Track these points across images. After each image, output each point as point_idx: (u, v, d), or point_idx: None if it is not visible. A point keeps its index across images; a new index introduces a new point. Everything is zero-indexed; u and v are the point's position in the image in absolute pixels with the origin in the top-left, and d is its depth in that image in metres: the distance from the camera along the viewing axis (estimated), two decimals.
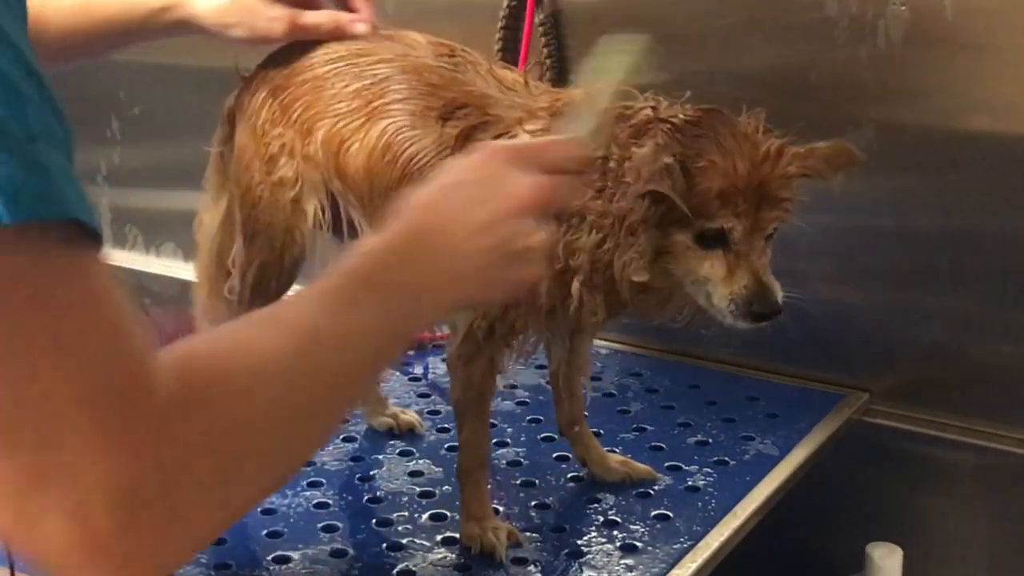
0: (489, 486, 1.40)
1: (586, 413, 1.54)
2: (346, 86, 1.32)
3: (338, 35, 1.37)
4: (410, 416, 1.57)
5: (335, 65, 1.34)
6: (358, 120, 1.31)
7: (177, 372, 0.74)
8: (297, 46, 1.38)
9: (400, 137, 1.28)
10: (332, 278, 0.90)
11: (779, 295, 1.18)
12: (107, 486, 0.70)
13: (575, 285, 1.23)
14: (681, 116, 1.20)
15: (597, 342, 1.76)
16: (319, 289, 0.89)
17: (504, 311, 1.27)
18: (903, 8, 1.53)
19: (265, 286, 1.38)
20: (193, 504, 0.74)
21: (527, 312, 1.27)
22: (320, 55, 1.35)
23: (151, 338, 0.74)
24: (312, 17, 1.37)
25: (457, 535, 1.32)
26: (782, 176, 1.18)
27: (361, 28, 1.37)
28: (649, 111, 1.22)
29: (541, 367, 1.55)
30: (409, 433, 1.55)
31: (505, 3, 1.77)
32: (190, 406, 0.74)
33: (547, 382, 1.49)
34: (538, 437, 1.54)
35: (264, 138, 1.36)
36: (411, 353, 1.76)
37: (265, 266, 1.37)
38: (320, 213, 1.35)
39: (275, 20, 1.37)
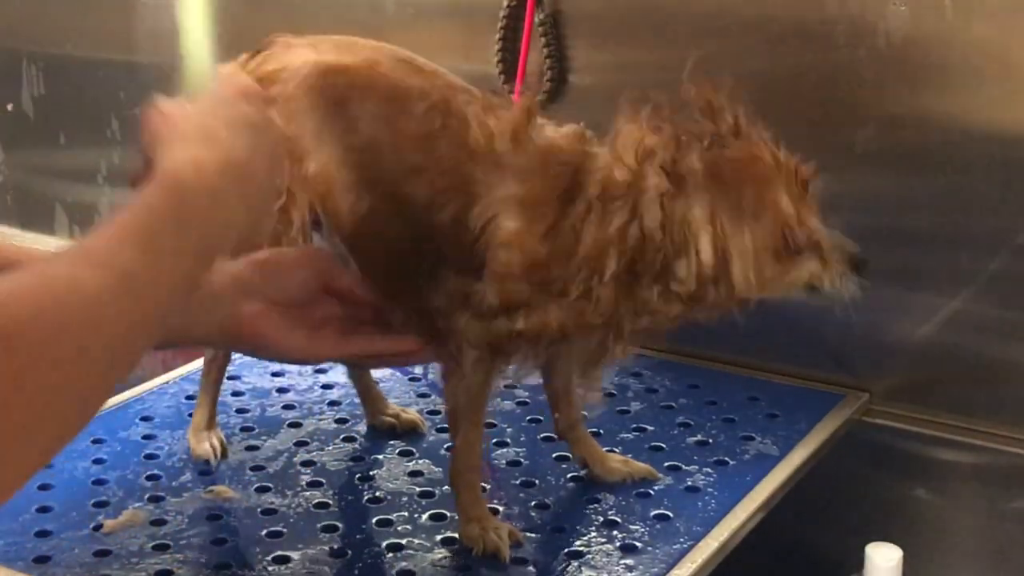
0: (489, 486, 1.41)
1: (585, 413, 1.55)
2: (344, 134, 1.29)
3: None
4: (412, 415, 1.57)
5: (325, 110, 1.30)
6: (351, 176, 1.29)
7: None
8: (283, 48, 1.34)
9: (387, 221, 1.28)
10: (142, 215, 0.89)
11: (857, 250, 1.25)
12: None
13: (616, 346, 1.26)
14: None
15: None
16: (131, 227, 0.87)
17: (510, 334, 1.25)
18: (903, 8, 1.53)
19: None
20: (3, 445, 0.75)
21: (535, 338, 1.26)
22: (306, 73, 1.31)
23: None
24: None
25: (457, 535, 1.32)
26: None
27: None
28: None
29: None
30: (410, 433, 1.55)
31: (505, 3, 1.76)
32: None
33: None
34: (538, 437, 1.54)
35: None
36: None
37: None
38: (306, 224, 1.33)
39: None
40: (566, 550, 1.31)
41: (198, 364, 1.64)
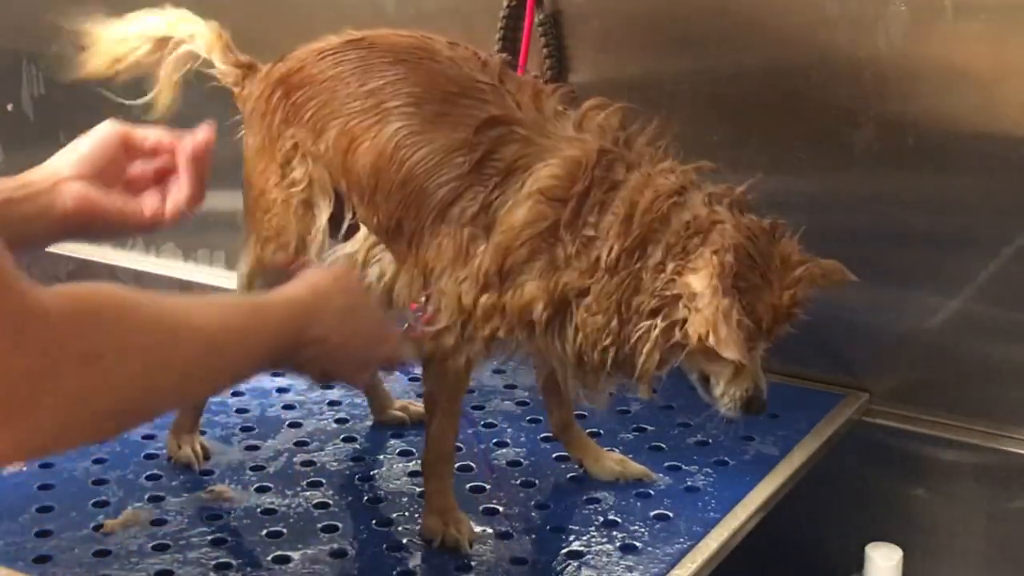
0: (488, 486, 1.41)
1: (585, 414, 1.55)
2: (361, 85, 1.31)
3: (128, 225, 1.31)
4: (420, 407, 1.57)
5: (350, 65, 1.33)
6: (369, 120, 1.30)
7: (76, 300, 0.91)
8: (307, 48, 1.37)
9: (409, 141, 1.28)
10: (248, 308, 1.13)
11: (765, 393, 1.28)
12: None
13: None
14: (733, 236, 1.20)
15: None
16: (235, 310, 1.11)
17: (488, 317, 1.26)
18: (903, 8, 1.53)
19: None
20: (52, 408, 0.88)
21: (510, 322, 1.26)
22: (334, 55, 1.34)
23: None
24: (104, 200, 1.27)
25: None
26: (804, 299, 1.25)
27: (157, 217, 1.30)
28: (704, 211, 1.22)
29: None
30: (411, 431, 1.55)
31: (505, 3, 1.77)
32: (73, 327, 0.90)
33: None
34: (538, 437, 1.54)
35: (278, 140, 1.36)
36: None
37: (278, 271, 1.35)
38: (326, 212, 1.36)
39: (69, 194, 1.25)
40: (566, 550, 1.31)
41: None
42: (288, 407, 1.63)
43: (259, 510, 1.39)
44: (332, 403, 1.64)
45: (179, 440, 1.49)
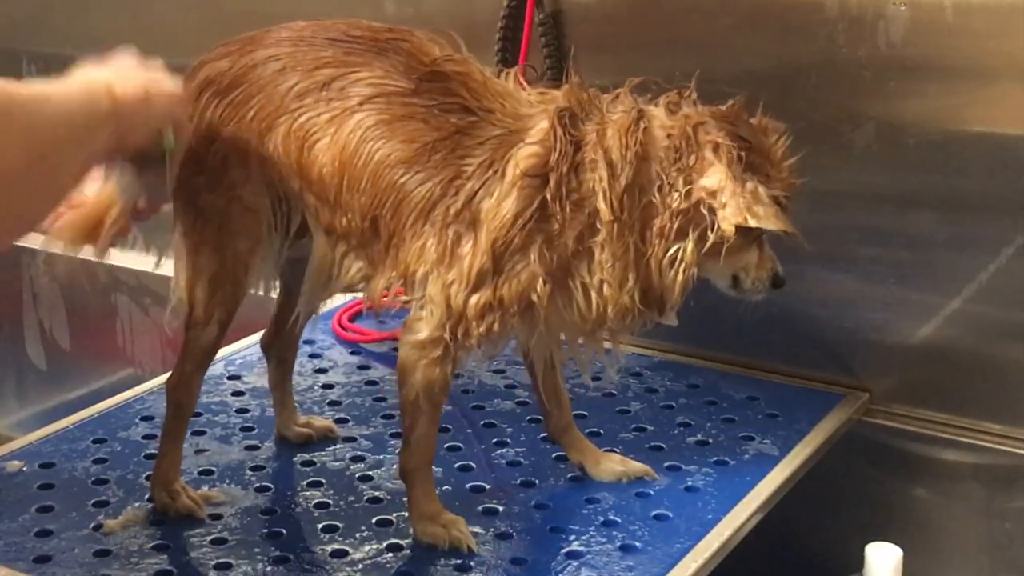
0: (488, 486, 1.40)
1: (585, 413, 1.55)
2: (308, 74, 1.28)
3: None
4: (325, 421, 1.56)
5: (291, 56, 1.30)
6: (327, 114, 1.27)
7: None
8: (239, 43, 1.34)
9: (374, 133, 1.25)
10: None
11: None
12: None
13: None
14: (718, 126, 1.25)
15: None
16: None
17: (482, 315, 1.25)
18: (903, 8, 1.53)
19: (223, 297, 1.33)
20: None
21: (508, 313, 1.25)
22: (270, 49, 1.31)
23: None
24: None
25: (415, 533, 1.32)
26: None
27: None
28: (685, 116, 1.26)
29: None
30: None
31: (505, 3, 1.77)
32: None
33: None
34: (538, 437, 1.54)
35: (211, 142, 1.30)
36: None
37: (217, 277, 1.32)
38: (271, 214, 1.31)
39: None
40: (565, 550, 1.31)
41: None
42: None
43: (259, 510, 1.39)
44: (332, 403, 1.64)
45: (168, 492, 1.38)
